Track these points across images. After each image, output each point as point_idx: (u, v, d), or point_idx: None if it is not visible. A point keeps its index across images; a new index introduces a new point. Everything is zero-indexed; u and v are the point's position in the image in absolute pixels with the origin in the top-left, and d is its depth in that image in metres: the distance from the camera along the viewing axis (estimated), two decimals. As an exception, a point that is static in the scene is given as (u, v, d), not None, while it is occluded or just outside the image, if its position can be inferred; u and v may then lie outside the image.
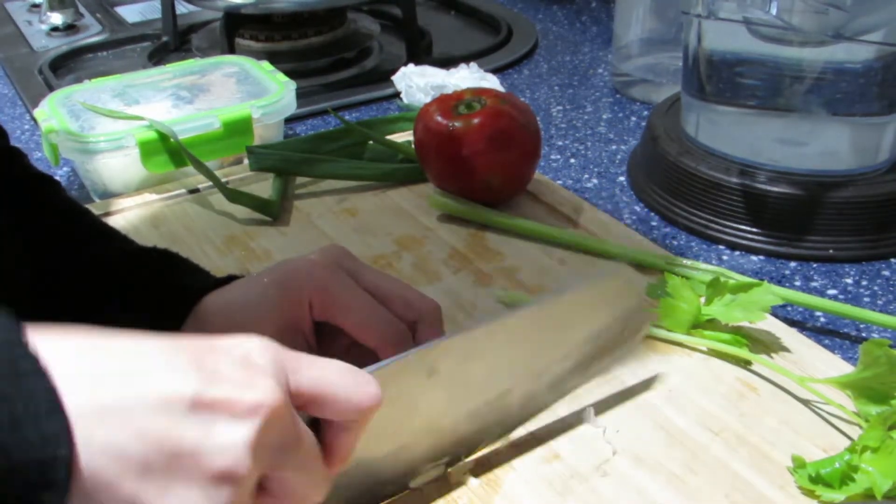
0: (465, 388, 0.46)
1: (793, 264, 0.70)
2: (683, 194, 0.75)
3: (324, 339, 0.51)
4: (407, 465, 0.46)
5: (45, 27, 1.23)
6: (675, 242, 0.73)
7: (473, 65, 1.00)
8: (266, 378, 0.33)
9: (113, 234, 0.59)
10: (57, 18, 1.23)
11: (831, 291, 0.67)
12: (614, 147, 0.89)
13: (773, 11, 0.68)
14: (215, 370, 0.32)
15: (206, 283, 0.54)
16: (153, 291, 0.53)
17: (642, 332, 0.53)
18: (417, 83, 0.96)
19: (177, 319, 0.51)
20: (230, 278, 0.54)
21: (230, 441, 0.31)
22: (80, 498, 0.29)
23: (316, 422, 0.37)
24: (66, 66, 1.14)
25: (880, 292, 0.66)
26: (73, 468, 0.29)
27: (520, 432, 0.52)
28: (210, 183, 0.77)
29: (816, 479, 0.47)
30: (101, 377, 0.31)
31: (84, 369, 0.31)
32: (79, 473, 0.29)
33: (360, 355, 0.51)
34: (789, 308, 0.64)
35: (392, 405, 0.42)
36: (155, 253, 0.56)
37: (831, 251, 0.70)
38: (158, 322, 0.51)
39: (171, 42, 1.16)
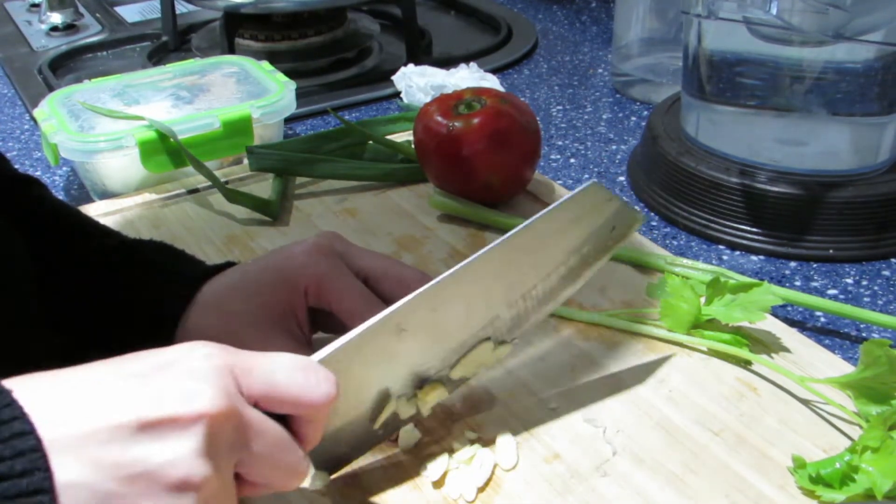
0: (444, 332, 0.48)
1: (793, 264, 0.70)
2: (683, 194, 0.75)
3: (318, 322, 0.54)
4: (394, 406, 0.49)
5: (44, 27, 1.23)
6: (675, 242, 0.73)
7: (473, 65, 1.00)
8: (209, 386, 0.35)
9: (106, 229, 0.60)
10: (57, 18, 1.23)
11: (831, 291, 0.67)
12: (614, 147, 0.89)
13: (773, 11, 0.68)
14: (159, 390, 0.34)
15: (205, 270, 0.55)
16: (156, 281, 0.55)
17: (634, 228, 0.54)
18: (417, 83, 0.96)
19: (179, 306, 0.53)
20: (228, 265, 0.56)
21: (179, 453, 0.33)
22: None
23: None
24: (66, 66, 1.14)
25: (880, 292, 0.66)
26: None
27: (520, 431, 0.52)
28: (210, 183, 0.77)
29: (817, 480, 0.47)
30: (53, 419, 0.32)
31: (39, 414, 0.32)
32: None
33: None
34: (789, 308, 0.64)
35: (368, 367, 0.45)
36: (152, 244, 0.58)
37: (831, 251, 0.70)
38: (161, 310, 0.53)
39: (171, 42, 1.16)
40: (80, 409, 0.33)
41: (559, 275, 0.51)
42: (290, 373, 0.39)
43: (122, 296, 0.54)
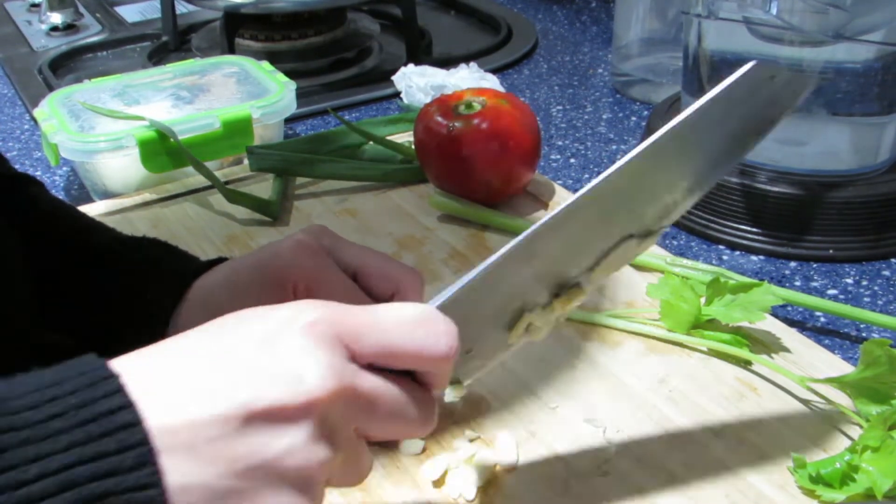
0: (582, 243, 0.44)
1: (793, 264, 0.70)
2: (683, 194, 0.75)
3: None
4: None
5: (44, 27, 1.23)
6: (675, 242, 0.73)
7: (473, 65, 1.00)
8: (316, 365, 0.33)
9: (101, 226, 0.60)
10: (57, 18, 1.23)
11: (831, 291, 0.67)
12: (614, 147, 0.89)
13: (773, 11, 0.68)
14: (263, 374, 0.33)
15: (197, 267, 0.55)
16: (148, 278, 0.55)
17: (802, 94, 0.48)
18: (417, 83, 0.96)
19: (170, 304, 0.53)
20: (220, 260, 0.56)
21: (293, 442, 0.32)
22: None
23: None
24: (66, 66, 1.14)
25: (880, 292, 0.66)
26: None
27: (520, 431, 0.52)
28: (210, 183, 0.77)
29: (817, 479, 0.47)
30: (159, 416, 0.31)
31: (145, 407, 0.31)
32: None
33: None
34: (789, 308, 0.64)
35: (499, 297, 0.42)
36: (145, 241, 0.58)
37: (831, 251, 0.70)
38: (154, 307, 0.53)
39: (171, 42, 1.16)
40: (184, 401, 0.32)
41: (713, 157, 0.47)
42: (405, 329, 0.36)
43: (116, 294, 0.54)
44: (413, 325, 0.36)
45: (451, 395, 0.46)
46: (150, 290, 0.54)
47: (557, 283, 0.45)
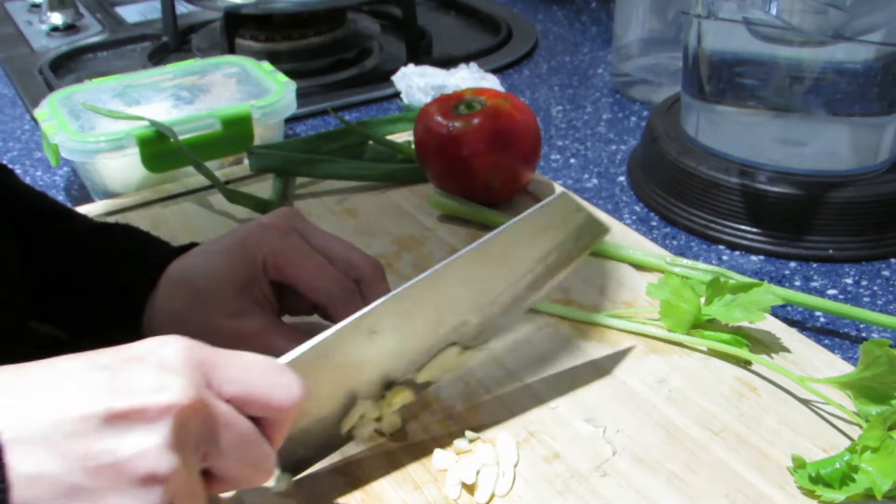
0: (413, 336, 0.49)
1: (793, 264, 0.70)
2: (683, 194, 0.75)
3: (289, 296, 0.55)
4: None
5: (45, 27, 1.23)
6: (675, 242, 0.73)
7: (473, 65, 1.00)
8: (179, 378, 0.35)
9: (73, 213, 0.60)
10: (57, 18, 1.23)
11: (831, 291, 0.67)
12: (614, 147, 0.89)
13: (773, 11, 0.68)
14: (128, 381, 0.34)
15: (169, 252, 0.56)
16: (121, 265, 0.56)
17: (598, 239, 0.55)
18: (417, 83, 0.96)
19: (146, 288, 0.54)
20: (191, 245, 0.57)
21: (146, 445, 0.33)
22: None
23: None
24: (66, 66, 1.14)
25: (880, 292, 0.66)
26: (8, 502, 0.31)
27: (520, 431, 0.52)
28: (210, 183, 0.77)
29: (816, 479, 0.47)
30: (20, 411, 0.33)
31: (4, 406, 0.33)
32: None
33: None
34: (789, 308, 0.64)
35: (338, 369, 0.46)
36: (118, 228, 0.59)
37: (831, 251, 0.70)
38: (128, 293, 0.54)
39: (171, 42, 1.16)
40: (47, 399, 0.33)
41: (525, 283, 0.52)
42: (261, 370, 0.39)
43: (90, 280, 0.55)
44: (268, 367, 0.40)
45: (279, 483, 0.48)
46: (123, 276, 0.55)
47: (387, 377, 0.49)
